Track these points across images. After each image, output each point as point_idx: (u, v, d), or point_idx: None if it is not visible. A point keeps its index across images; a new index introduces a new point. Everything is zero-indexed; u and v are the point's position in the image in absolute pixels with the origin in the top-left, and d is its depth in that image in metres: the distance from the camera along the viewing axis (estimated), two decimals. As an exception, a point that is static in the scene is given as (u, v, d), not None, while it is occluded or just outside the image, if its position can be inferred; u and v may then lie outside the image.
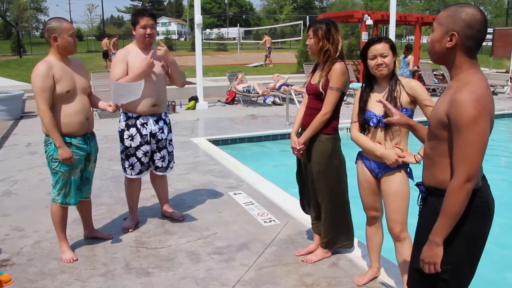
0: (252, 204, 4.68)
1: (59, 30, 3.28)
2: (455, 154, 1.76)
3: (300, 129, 3.40)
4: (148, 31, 3.77)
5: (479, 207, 1.85)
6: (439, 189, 1.88)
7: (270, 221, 4.24)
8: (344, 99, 3.29)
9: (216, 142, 7.59)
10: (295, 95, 10.05)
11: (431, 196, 1.94)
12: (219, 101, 12.24)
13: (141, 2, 72.35)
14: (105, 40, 21.46)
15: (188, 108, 11.19)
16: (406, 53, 12.77)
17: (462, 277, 1.89)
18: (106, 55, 20.52)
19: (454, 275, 1.85)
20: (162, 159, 4.05)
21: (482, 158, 1.75)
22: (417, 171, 2.42)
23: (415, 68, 13.15)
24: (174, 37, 53.73)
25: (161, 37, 39.66)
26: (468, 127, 1.70)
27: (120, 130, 3.93)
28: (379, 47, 2.77)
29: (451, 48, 1.81)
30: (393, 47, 2.81)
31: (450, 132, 1.78)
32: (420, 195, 2.04)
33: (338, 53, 3.18)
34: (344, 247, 3.51)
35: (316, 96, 3.25)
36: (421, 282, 1.93)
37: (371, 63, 2.79)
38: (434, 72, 15.47)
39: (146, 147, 3.92)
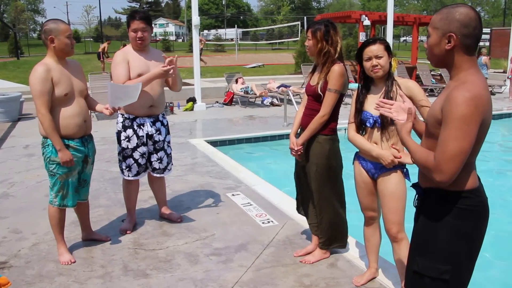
0: (250, 205, 4.68)
1: (56, 31, 3.27)
2: (438, 146, 1.75)
3: (299, 130, 3.40)
4: (139, 34, 3.76)
5: (477, 207, 1.85)
6: (437, 190, 1.87)
7: (268, 222, 4.24)
8: (343, 100, 3.30)
9: (214, 143, 7.59)
10: (293, 96, 10.06)
11: (429, 198, 1.93)
12: (217, 102, 12.24)
13: (139, 4, 72.30)
14: (105, 44, 21.56)
15: (186, 109, 11.18)
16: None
17: (462, 277, 1.89)
18: (100, 57, 20.63)
19: (455, 275, 1.85)
20: (159, 161, 4.05)
21: (463, 156, 1.72)
22: (414, 171, 2.42)
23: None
24: (172, 38, 53.69)
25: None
26: (456, 123, 1.69)
27: (117, 131, 3.93)
28: (374, 49, 2.77)
29: (450, 50, 1.81)
30: (388, 48, 2.81)
31: None
32: (416, 196, 2.03)
33: (337, 55, 3.18)
34: (339, 247, 3.51)
35: (315, 98, 3.25)
36: (422, 284, 1.92)
37: (367, 64, 2.80)
38: (432, 73, 15.50)
39: (143, 149, 3.92)
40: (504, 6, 51.58)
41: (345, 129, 3.09)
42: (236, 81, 12.53)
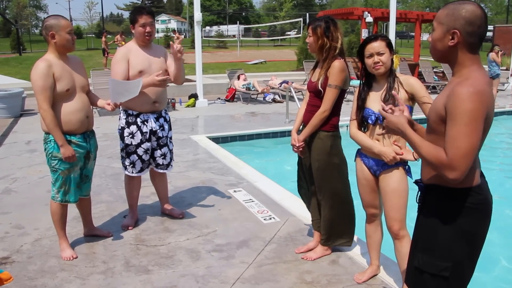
0: (252, 201, 4.68)
1: (57, 27, 3.27)
2: (448, 144, 1.72)
3: (301, 126, 3.40)
4: (148, 29, 3.77)
5: (479, 204, 1.84)
6: (438, 186, 1.87)
7: (270, 218, 4.24)
8: (345, 96, 3.29)
9: (216, 140, 7.59)
10: (295, 92, 10.05)
11: (431, 194, 1.93)
12: (219, 98, 12.24)
13: (141, 0, 72.22)
14: (104, 38, 21.33)
15: (188, 106, 11.18)
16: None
17: (462, 275, 1.89)
18: (104, 52, 20.43)
19: (455, 272, 1.85)
20: (163, 157, 4.05)
21: (475, 152, 1.71)
22: (416, 168, 2.42)
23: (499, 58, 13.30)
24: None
25: (160, 34, 39.59)
26: (464, 119, 1.68)
27: (120, 128, 3.93)
28: (376, 45, 2.76)
29: (453, 46, 1.80)
30: (389, 45, 2.81)
31: None
32: (419, 192, 2.03)
33: (337, 51, 3.17)
34: (343, 245, 3.51)
35: (316, 94, 3.25)
36: (422, 280, 1.93)
37: (368, 61, 2.79)
38: (434, 70, 15.47)
39: (146, 145, 3.92)
40: (508, 3, 51.37)
41: (347, 126, 3.08)
42: (238, 78, 12.53)
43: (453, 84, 1.78)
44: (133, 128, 3.86)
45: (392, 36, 13.18)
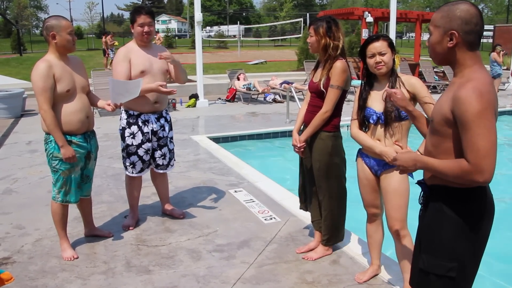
0: (253, 201, 4.68)
1: (58, 28, 3.27)
2: (467, 150, 1.71)
3: (302, 127, 3.40)
4: (146, 29, 3.76)
5: (483, 204, 1.85)
6: (442, 187, 1.87)
7: (271, 218, 4.24)
8: (346, 96, 3.29)
9: (216, 140, 7.59)
10: (296, 92, 10.05)
11: (434, 194, 1.93)
12: (220, 98, 12.23)
13: (141, 0, 72.24)
14: (104, 39, 21.24)
15: (189, 106, 11.18)
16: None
17: (467, 274, 1.89)
18: (105, 53, 20.34)
19: (460, 273, 1.85)
20: (163, 157, 4.05)
21: (495, 149, 1.70)
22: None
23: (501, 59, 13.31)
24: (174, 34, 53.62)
25: (161, 35, 39.59)
26: (475, 121, 1.68)
27: (121, 128, 3.93)
28: (378, 45, 2.76)
29: (452, 47, 1.81)
30: (391, 45, 2.81)
31: (455, 129, 1.76)
32: (422, 193, 2.03)
33: (339, 51, 3.17)
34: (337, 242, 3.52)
35: (317, 94, 3.25)
36: (427, 282, 1.92)
37: (370, 61, 2.79)
38: (435, 69, 15.46)
39: (147, 145, 3.92)
40: (508, 3, 51.37)
41: (347, 126, 3.08)
42: (238, 78, 12.52)
43: (455, 86, 1.78)
44: (134, 128, 3.87)
45: (392, 36, 13.17)
